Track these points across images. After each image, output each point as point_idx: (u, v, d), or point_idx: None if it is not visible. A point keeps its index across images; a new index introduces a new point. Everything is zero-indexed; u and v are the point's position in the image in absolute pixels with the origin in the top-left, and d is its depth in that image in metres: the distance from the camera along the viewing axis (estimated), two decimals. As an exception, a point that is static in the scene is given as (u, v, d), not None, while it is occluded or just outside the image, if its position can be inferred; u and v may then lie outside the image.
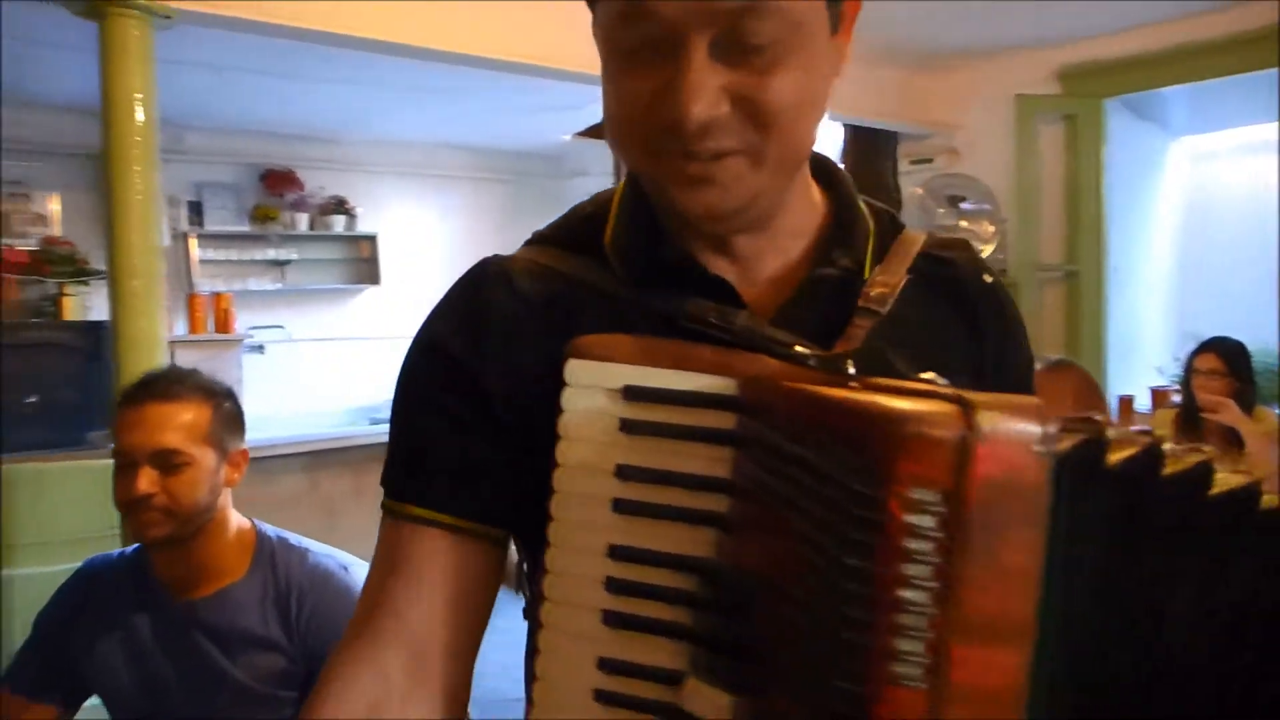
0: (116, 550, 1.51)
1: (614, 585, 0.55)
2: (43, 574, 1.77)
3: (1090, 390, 1.99)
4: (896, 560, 0.39)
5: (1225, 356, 3.12)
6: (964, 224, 4.26)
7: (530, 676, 0.59)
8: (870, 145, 4.73)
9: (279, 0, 2.80)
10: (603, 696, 0.55)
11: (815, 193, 0.72)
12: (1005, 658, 0.39)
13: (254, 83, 4.24)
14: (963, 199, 4.31)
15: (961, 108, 4.61)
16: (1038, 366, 2.16)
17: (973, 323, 0.71)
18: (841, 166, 0.76)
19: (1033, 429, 0.40)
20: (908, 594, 0.38)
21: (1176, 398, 3.46)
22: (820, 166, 0.73)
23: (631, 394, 0.56)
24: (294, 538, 1.48)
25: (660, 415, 0.55)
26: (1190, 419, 3.19)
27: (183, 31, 2.73)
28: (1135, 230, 4.60)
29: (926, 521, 0.38)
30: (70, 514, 2.34)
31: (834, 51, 0.62)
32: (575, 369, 0.58)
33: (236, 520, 1.44)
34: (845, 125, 4.67)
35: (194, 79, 4.01)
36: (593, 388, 0.57)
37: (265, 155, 5.37)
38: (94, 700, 1.47)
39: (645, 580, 0.54)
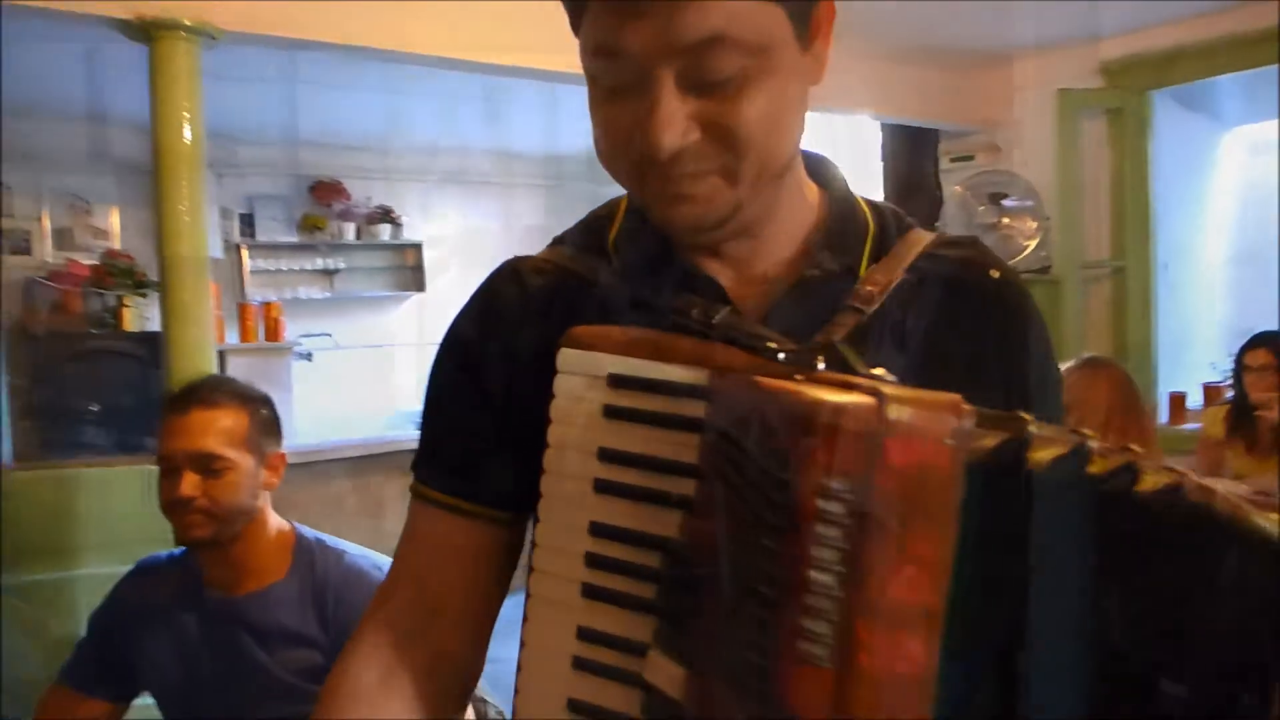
0: (166, 552, 1.58)
1: (592, 560, 0.59)
2: (106, 574, 1.85)
3: (1126, 388, 1.95)
4: (806, 544, 0.41)
5: (1277, 351, 3.04)
6: (1006, 221, 4.21)
7: (521, 643, 0.64)
8: (910, 143, 4.69)
9: (322, 16, 2.88)
10: (580, 663, 0.59)
11: (811, 194, 0.73)
12: (912, 644, 0.40)
13: (302, 95, 4.36)
14: (1005, 196, 4.25)
15: (1003, 104, 4.55)
16: (1070, 364, 2.11)
17: (973, 320, 0.71)
18: (833, 165, 0.77)
19: (946, 424, 0.41)
20: (816, 576, 0.40)
21: (1230, 394, 3.38)
22: (816, 168, 0.75)
23: (614, 382, 0.60)
24: (330, 539, 1.53)
25: (639, 402, 0.59)
26: (1242, 416, 3.12)
27: (233, 48, 2.83)
28: (1186, 224, 4.49)
29: (836, 508, 0.40)
30: (131, 516, 2.44)
31: (809, 62, 0.64)
32: (566, 357, 0.62)
33: (276, 522, 1.50)
34: (884, 124, 4.64)
35: (245, 93, 4.13)
36: (581, 375, 0.61)
37: (313, 166, 5.50)
38: (147, 699, 1.53)
39: (619, 556, 0.58)
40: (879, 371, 0.49)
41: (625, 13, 0.58)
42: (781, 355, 0.54)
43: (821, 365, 0.51)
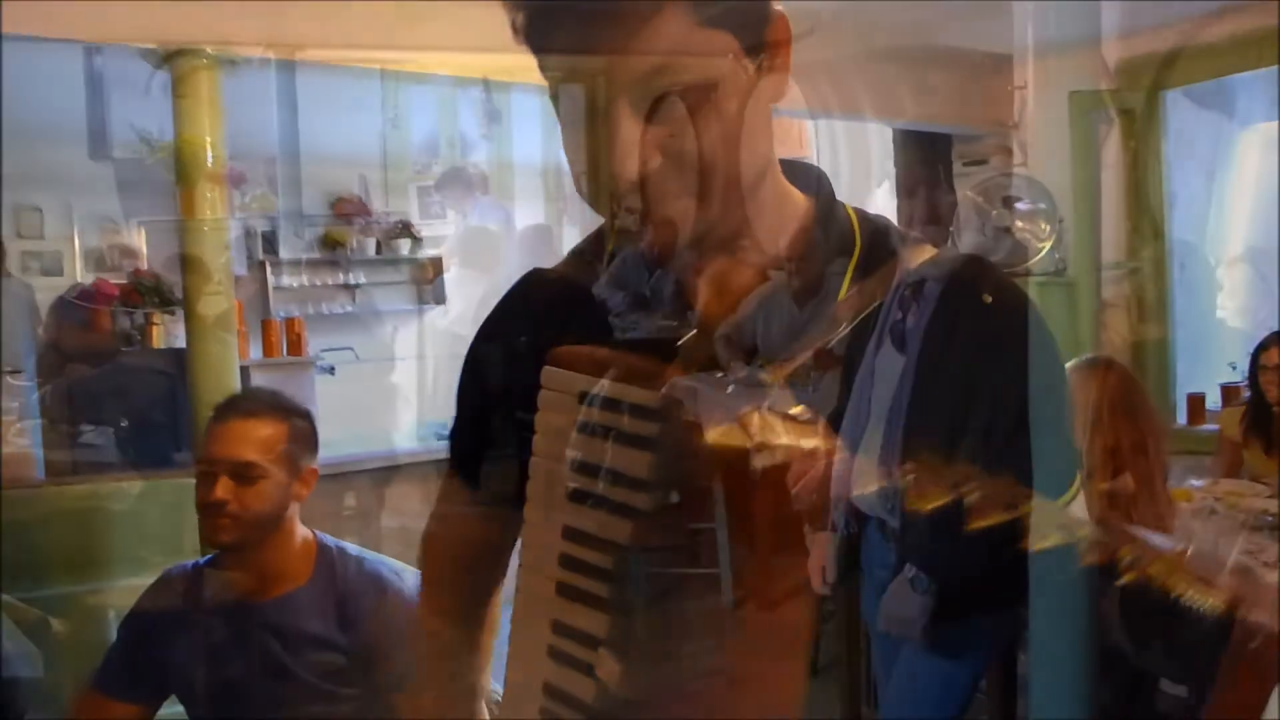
0: (191, 561, 1.64)
1: (564, 560, 0.65)
2: (135, 585, 1.91)
3: (1125, 388, 1.94)
4: (697, 564, 0.46)
5: (1293, 351, 3.03)
6: (1019, 224, 4.21)
7: (509, 633, 0.71)
8: (922, 149, 4.70)
9: (337, 37, 2.93)
10: (552, 653, 0.66)
11: (796, 206, 0.75)
12: (785, 661, 0.44)
13: (322, 113, 4.45)
14: (1018, 199, 4.25)
15: (1014, 107, 4.55)
16: (1069, 364, 2.11)
17: (964, 337, 0.70)
18: (824, 177, 0.79)
19: (819, 465, 0.45)
20: (701, 601, 0.45)
21: (1248, 394, 3.36)
22: (805, 179, 0.77)
23: (585, 401, 0.65)
24: (350, 547, 1.59)
25: (605, 420, 0.64)
26: (1259, 416, 3.11)
27: (250, 69, 2.90)
28: (1202, 223, 4.47)
29: (721, 537, 0.45)
30: (159, 530, 2.51)
31: (767, 79, 0.66)
32: (548, 374, 0.69)
33: (301, 531, 1.56)
34: (896, 130, 4.65)
35: (266, 112, 4.23)
36: (559, 392, 0.67)
37: (334, 182, 5.58)
38: (176, 706, 1.59)
39: (585, 558, 0.64)
40: (796, 410, 0.53)
41: (578, 48, 0.62)
42: (730, 388, 0.58)
43: (778, 389, 0.55)
